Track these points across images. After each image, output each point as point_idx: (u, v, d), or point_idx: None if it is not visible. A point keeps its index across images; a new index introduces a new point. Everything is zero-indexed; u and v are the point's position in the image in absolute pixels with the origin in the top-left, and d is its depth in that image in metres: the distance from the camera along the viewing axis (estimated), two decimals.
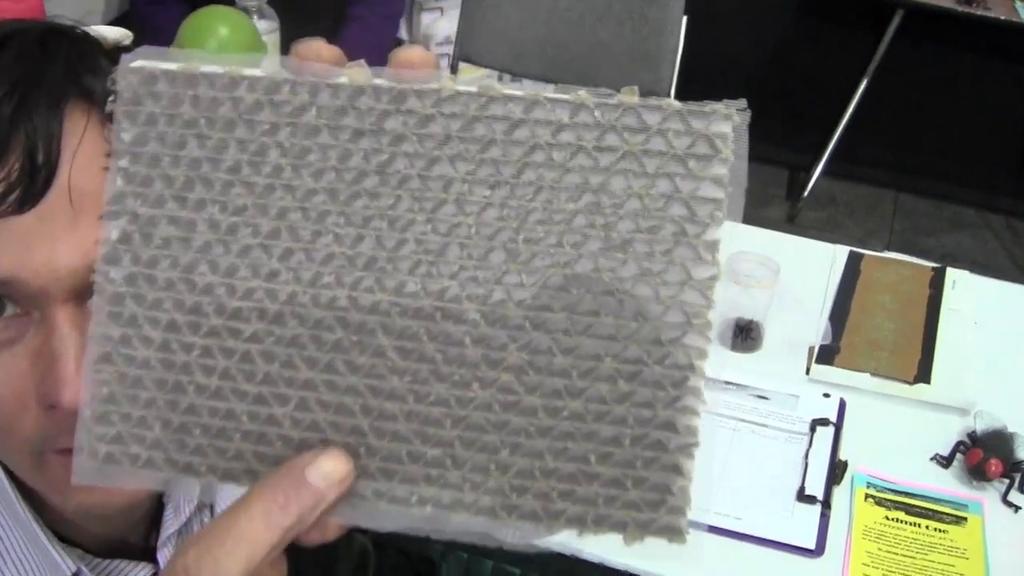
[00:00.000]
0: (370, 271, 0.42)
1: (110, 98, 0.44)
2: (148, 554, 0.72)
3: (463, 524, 0.43)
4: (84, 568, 0.67)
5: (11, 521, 0.64)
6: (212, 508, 0.76)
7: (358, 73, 0.42)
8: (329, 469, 0.42)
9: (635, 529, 0.43)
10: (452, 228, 0.42)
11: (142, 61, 0.43)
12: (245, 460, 0.44)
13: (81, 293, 0.55)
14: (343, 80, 0.42)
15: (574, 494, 0.43)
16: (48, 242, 0.54)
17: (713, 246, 0.42)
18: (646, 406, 0.42)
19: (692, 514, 0.43)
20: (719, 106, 0.41)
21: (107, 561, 0.69)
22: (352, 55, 0.43)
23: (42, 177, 0.53)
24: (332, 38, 2.44)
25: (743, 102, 0.42)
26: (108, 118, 0.56)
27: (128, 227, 0.43)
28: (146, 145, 0.43)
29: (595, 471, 0.43)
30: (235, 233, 0.43)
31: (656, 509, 0.43)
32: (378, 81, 0.42)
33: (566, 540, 1.08)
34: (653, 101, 0.41)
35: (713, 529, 1.16)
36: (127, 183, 0.43)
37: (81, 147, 0.55)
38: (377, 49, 2.54)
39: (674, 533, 0.43)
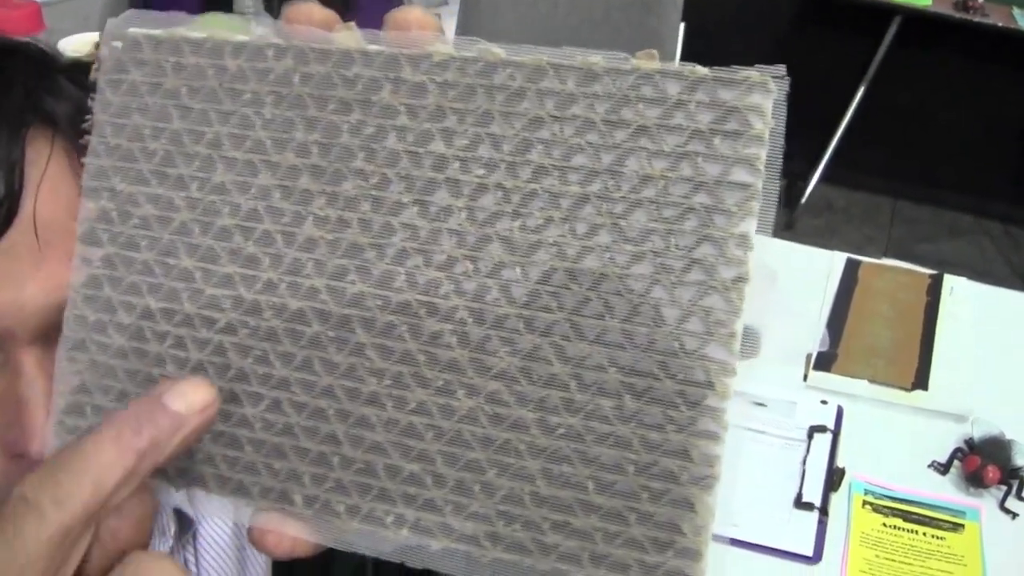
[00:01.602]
0: (353, 259, 0.38)
1: (94, 66, 0.41)
2: None
3: (444, 553, 0.38)
4: None
5: None
6: (195, 537, 0.73)
7: (348, 37, 0.39)
8: (190, 393, 0.37)
9: (639, 573, 0.36)
10: (443, 213, 0.37)
11: (125, 27, 0.41)
12: (215, 464, 0.40)
13: (48, 334, 0.51)
14: (332, 46, 0.39)
15: (568, 526, 0.37)
16: (13, 280, 0.50)
17: (743, 241, 0.35)
18: (656, 428, 0.36)
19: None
20: (753, 73, 0.35)
21: None
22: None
23: (4, 210, 0.49)
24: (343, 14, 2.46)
25: (782, 68, 0.36)
26: (72, 143, 0.52)
27: (107, 205, 0.41)
28: (129, 117, 0.41)
29: (594, 501, 0.37)
30: (214, 213, 0.40)
31: (663, 551, 0.36)
32: (369, 46, 0.38)
33: None
34: (674, 67, 0.35)
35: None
36: (108, 157, 0.41)
37: (46, 176, 0.51)
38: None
39: None
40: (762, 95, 0.35)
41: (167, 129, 0.40)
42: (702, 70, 0.36)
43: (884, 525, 1.19)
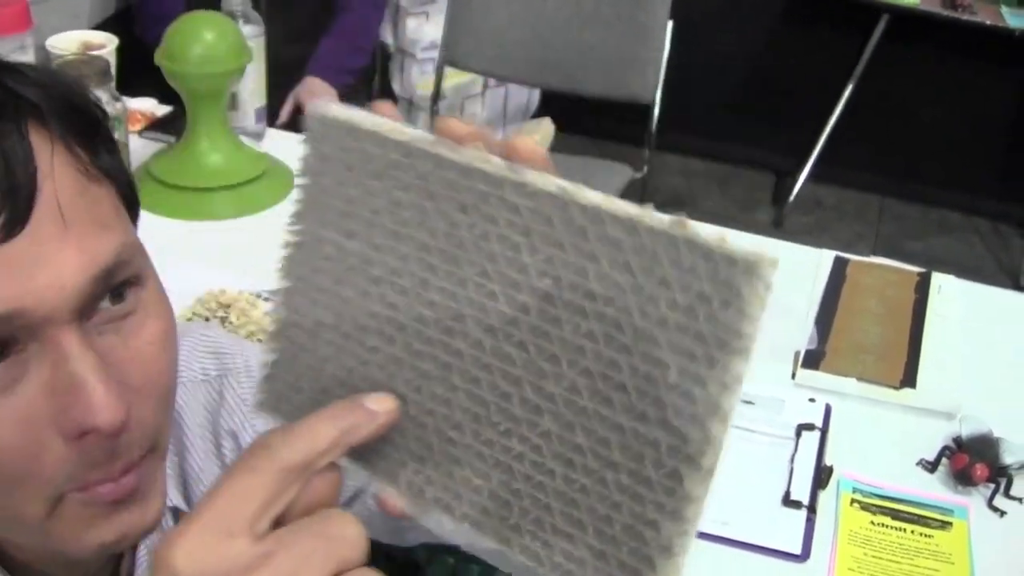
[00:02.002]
0: (457, 323, 0.50)
1: (303, 133, 0.53)
2: None
3: (489, 549, 0.51)
4: None
5: None
6: None
7: (472, 154, 0.48)
8: (381, 399, 0.51)
9: None
10: (521, 306, 0.48)
11: (324, 110, 0.52)
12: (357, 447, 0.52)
13: (84, 311, 0.54)
14: (459, 158, 0.49)
15: (572, 555, 0.48)
16: (47, 263, 0.53)
17: (718, 383, 0.44)
18: (638, 502, 0.46)
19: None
20: (748, 256, 0.43)
21: None
22: (342, 40, 0.41)
23: (24, 197, 0.52)
24: (318, 26, 2.48)
25: (778, 255, 0.42)
26: (65, 137, 0.56)
27: (304, 238, 0.54)
28: (322, 176, 0.53)
29: (589, 541, 0.48)
30: (369, 264, 0.52)
31: None
32: (487, 166, 0.48)
33: None
34: (690, 236, 0.43)
35: (697, 534, 1.15)
36: (307, 203, 0.54)
37: (54, 162, 0.54)
38: (364, 35, 2.65)
39: None
40: (751, 276, 0.43)
41: (344, 193, 0.52)
42: (715, 243, 0.43)
43: (872, 523, 1.20)
